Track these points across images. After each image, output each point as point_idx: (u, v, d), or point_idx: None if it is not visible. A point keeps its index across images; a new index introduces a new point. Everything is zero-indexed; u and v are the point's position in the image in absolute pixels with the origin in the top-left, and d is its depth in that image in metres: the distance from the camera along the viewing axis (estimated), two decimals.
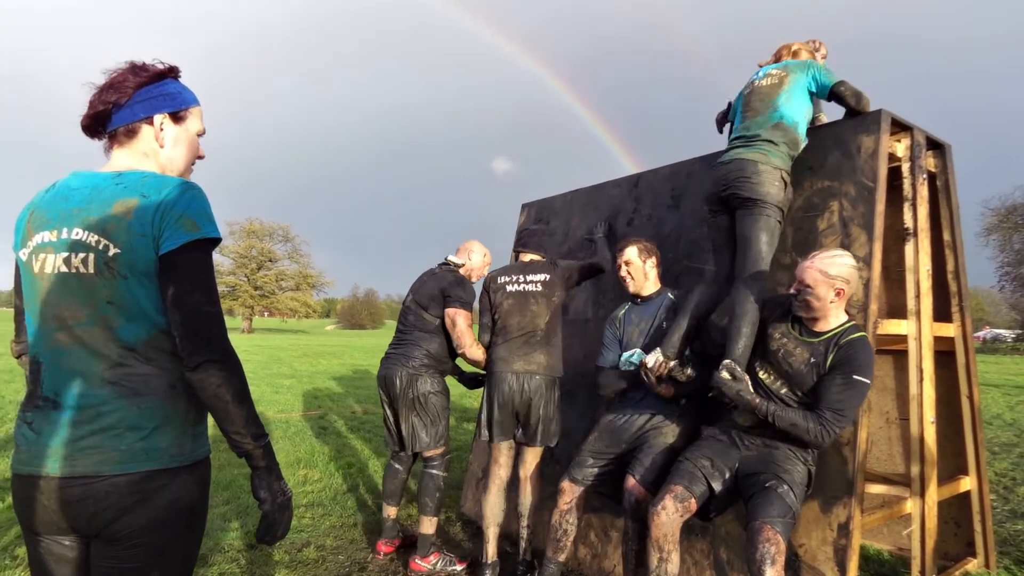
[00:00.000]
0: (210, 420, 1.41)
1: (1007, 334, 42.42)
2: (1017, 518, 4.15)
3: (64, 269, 1.29)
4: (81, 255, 1.28)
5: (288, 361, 17.42)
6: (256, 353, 20.65)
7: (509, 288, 3.19)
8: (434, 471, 3.28)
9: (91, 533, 1.27)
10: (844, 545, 2.23)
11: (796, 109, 2.64)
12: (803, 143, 2.67)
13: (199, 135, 1.51)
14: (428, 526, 3.24)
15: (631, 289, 2.96)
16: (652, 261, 2.94)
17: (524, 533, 3.12)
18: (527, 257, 3.31)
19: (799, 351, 2.30)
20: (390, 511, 3.46)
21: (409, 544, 3.47)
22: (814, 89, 2.67)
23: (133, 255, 1.27)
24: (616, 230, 3.65)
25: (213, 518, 3.81)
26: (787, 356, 2.32)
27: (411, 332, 3.39)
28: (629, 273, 2.93)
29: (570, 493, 2.74)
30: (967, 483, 3.09)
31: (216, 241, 1.34)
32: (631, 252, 2.94)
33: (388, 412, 3.36)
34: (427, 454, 3.30)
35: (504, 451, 3.18)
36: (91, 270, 1.28)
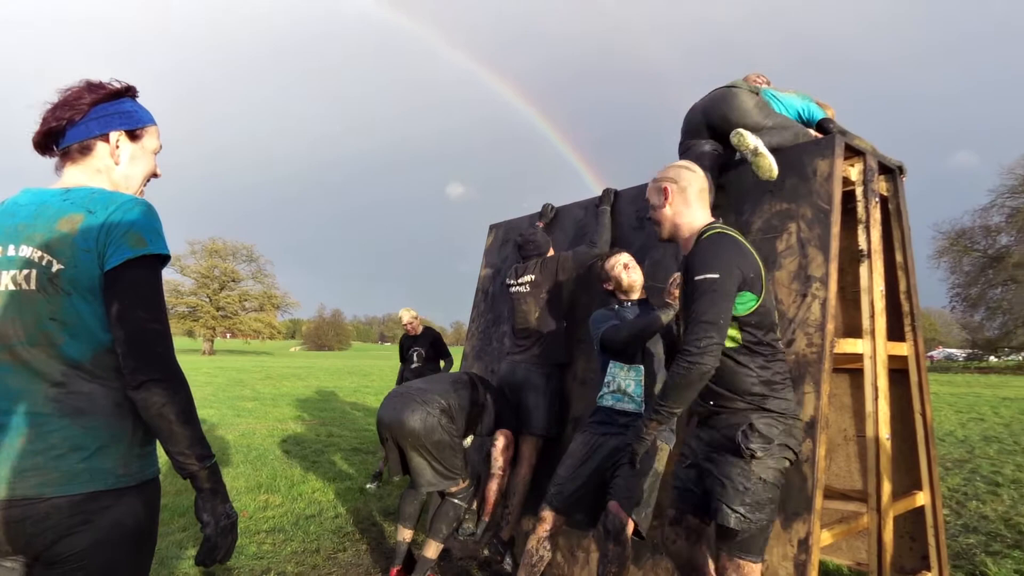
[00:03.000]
0: None
1: (958, 353, 43.87)
2: (969, 532, 4.27)
3: (11, 287, 1.26)
4: (24, 272, 1.26)
5: (251, 383, 17.05)
6: (217, 375, 20.17)
7: (511, 291, 3.61)
8: (456, 500, 3.21)
9: (32, 555, 1.23)
10: (804, 560, 2.26)
11: (783, 108, 3.09)
12: None
13: (155, 153, 1.50)
14: (432, 551, 3.15)
15: (630, 287, 3.01)
16: (640, 270, 3.08)
17: (510, 517, 3.35)
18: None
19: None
20: (406, 534, 3.33)
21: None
22: (803, 115, 3.12)
23: (77, 271, 1.25)
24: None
25: (168, 545, 3.68)
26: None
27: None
28: (630, 274, 3.01)
29: (550, 521, 2.75)
30: (921, 498, 3.17)
31: (165, 258, 1.33)
32: (628, 256, 3.07)
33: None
34: (452, 489, 3.21)
35: (499, 439, 3.40)
36: (33, 287, 1.25)
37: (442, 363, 6.16)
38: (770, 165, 2.75)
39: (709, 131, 3.02)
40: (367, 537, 3.99)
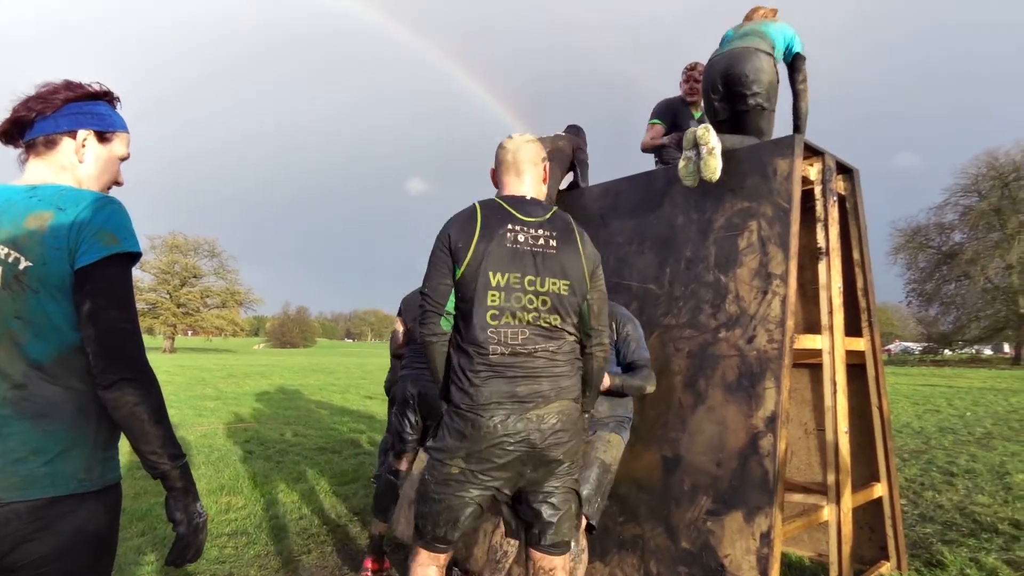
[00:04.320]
0: (124, 445, 1.35)
1: (915, 347, 45.28)
2: (926, 522, 4.40)
3: None
4: None
5: (213, 382, 16.69)
6: (178, 374, 19.69)
7: None
8: None
9: None
10: (766, 554, 2.30)
11: (776, 40, 3.10)
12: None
13: (122, 159, 1.49)
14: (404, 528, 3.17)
15: None
16: None
17: None
18: None
19: None
20: (381, 528, 3.34)
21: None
22: (786, 47, 3.14)
23: (46, 268, 1.22)
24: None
25: (126, 551, 3.58)
26: None
27: None
28: None
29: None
30: (879, 489, 3.25)
31: (136, 256, 1.31)
32: None
33: None
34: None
35: None
36: None
37: None
38: (716, 167, 2.81)
39: (725, 88, 3.09)
40: (333, 538, 3.93)
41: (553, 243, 1.94)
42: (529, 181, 2.07)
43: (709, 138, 2.82)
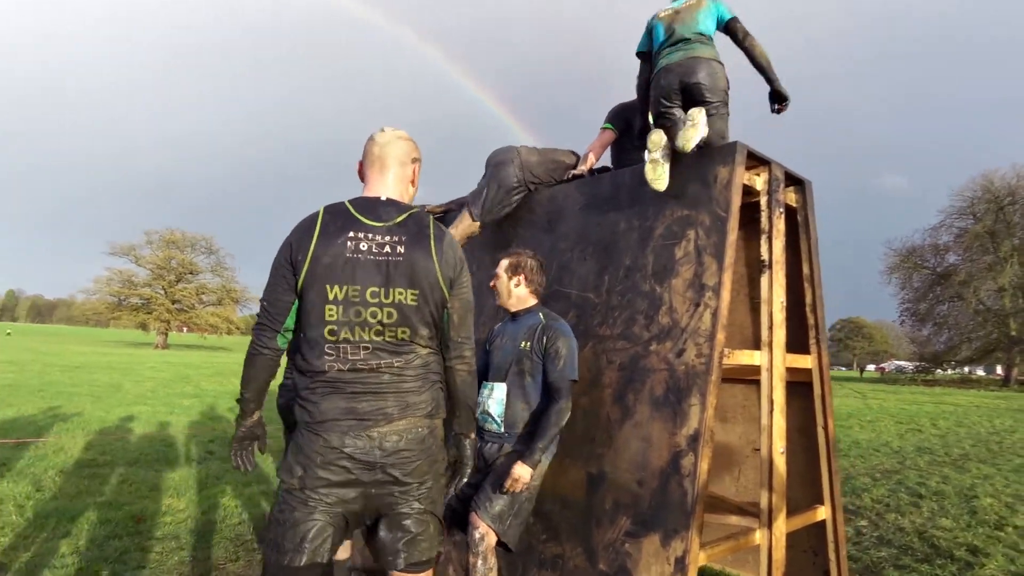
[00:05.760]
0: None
1: (908, 366, 45.20)
2: (882, 545, 4.28)
3: None
4: None
5: (196, 380, 16.57)
6: (164, 371, 19.57)
7: None
8: None
9: None
10: None
11: (711, 28, 3.06)
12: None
13: None
14: (343, 551, 2.98)
15: (498, 302, 2.88)
16: (517, 279, 2.79)
17: None
18: None
19: None
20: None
21: None
22: (718, 16, 3.08)
23: None
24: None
25: (47, 551, 3.45)
26: None
27: None
28: (495, 286, 2.85)
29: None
30: (822, 512, 3.13)
31: None
32: (501, 265, 2.85)
33: None
34: None
35: None
36: None
37: None
38: (663, 175, 2.73)
39: (684, 95, 3.01)
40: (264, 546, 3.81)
41: (400, 249, 1.80)
42: (392, 180, 1.94)
43: (661, 144, 2.77)
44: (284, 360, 2.98)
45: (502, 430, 2.58)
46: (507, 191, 3.47)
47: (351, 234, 1.79)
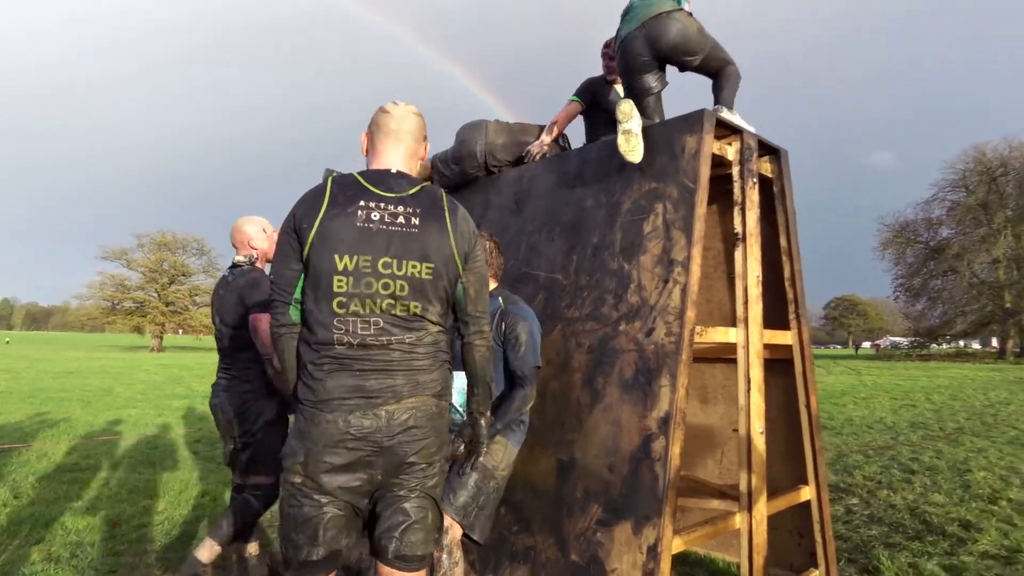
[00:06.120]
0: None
1: (903, 341, 45.28)
2: (873, 523, 4.20)
3: None
4: None
5: (187, 382, 16.45)
6: (157, 373, 19.41)
7: None
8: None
9: None
10: (652, 569, 2.08)
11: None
12: None
13: None
14: (207, 552, 2.83)
15: None
16: None
17: None
18: None
19: None
20: (249, 548, 3.09)
21: None
22: None
23: None
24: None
25: (18, 558, 3.34)
26: None
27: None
28: None
29: None
30: (807, 492, 3.04)
31: None
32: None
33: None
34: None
35: None
36: None
37: None
38: (637, 147, 2.59)
39: (657, 62, 2.89)
40: (231, 549, 3.70)
41: (415, 221, 1.72)
42: (405, 154, 1.86)
43: (632, 116, 2.65)
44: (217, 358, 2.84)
45: (464, 420, 2.47)
46: (464, 173, 3.45)
47: (362, 203, 1.71)
